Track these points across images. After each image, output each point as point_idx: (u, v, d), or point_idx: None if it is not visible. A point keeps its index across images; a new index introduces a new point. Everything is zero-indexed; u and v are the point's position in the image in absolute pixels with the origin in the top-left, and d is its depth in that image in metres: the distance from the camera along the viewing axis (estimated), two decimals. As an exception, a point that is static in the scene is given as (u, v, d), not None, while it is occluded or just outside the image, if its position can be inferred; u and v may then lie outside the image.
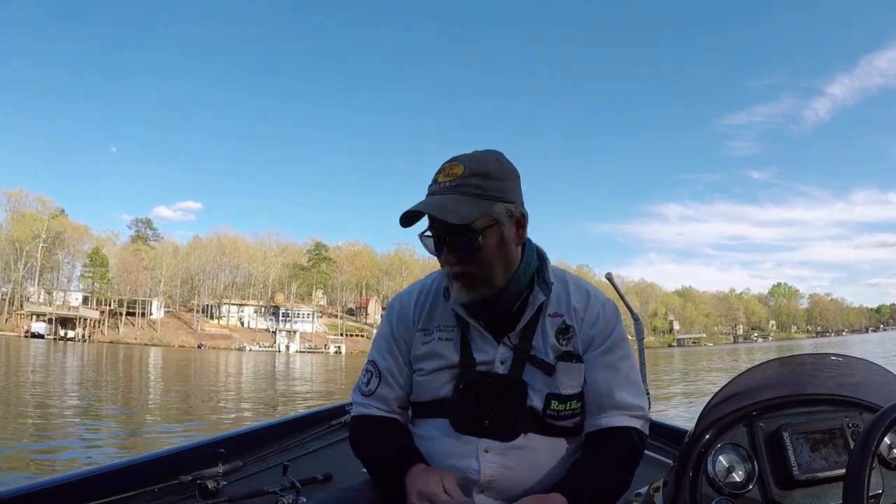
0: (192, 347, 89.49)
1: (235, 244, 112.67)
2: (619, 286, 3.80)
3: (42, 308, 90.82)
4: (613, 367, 1.64)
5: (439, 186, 1.56)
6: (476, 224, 1.53)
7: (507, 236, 1.58)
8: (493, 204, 1.54)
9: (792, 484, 1.39)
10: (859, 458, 1.07)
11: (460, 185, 1.53)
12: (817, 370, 1.54)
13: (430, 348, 1.70)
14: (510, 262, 1.61)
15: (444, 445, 1.64)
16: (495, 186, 1.56)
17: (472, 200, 1.52)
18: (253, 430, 3.55)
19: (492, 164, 1.59)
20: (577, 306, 1.67)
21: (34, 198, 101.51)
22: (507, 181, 1.59)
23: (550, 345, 1.63)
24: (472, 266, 1.57)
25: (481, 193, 1.53)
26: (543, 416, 1.61)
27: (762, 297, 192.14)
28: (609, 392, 1.61)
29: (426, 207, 1.53)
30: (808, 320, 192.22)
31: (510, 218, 1.58)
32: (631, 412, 1.61)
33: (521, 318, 1.64)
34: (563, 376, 1.62)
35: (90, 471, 2.49)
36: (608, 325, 1.67)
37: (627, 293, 13.64)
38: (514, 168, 1.64)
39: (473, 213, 1.51)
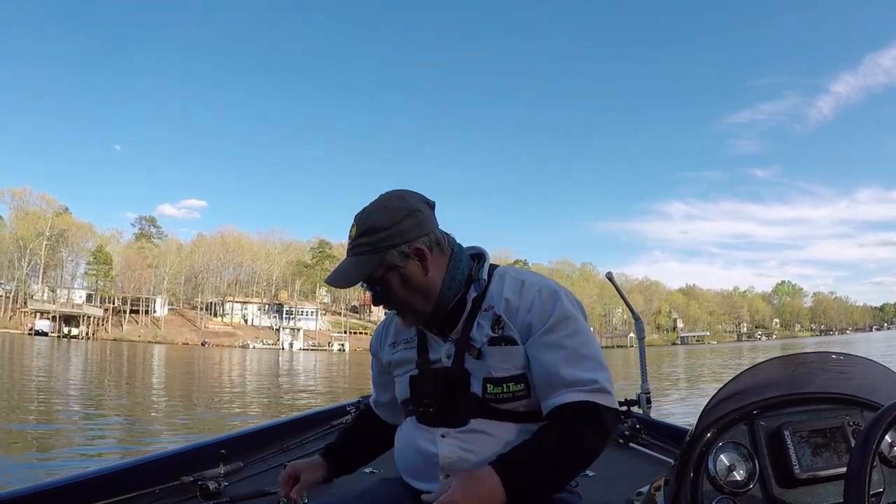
0: (195, 345, 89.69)
1: (239, 242, 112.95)
2: (622, 285, 3.79)
3: (46, 306, 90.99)
4: (557, 345, 1.66)
5: (347, 249, 1.78)
6: (374, 276, 1.72)
7: (408, 274, 1.73)
8: (385, 253, 1.70)
9: (793, 482, 1.38)
10: (860, 456, 1.07)
11: (354, 248, 1.74)
12: (818, 369, 1.53)
13: (398, 356, 1.91)
14: (426, 290, 1.75)
15: (410, 437, 1.81)
16: (381, 238, 1.71)
17: (362, 259, 1.72)
18: (254, 430, 3.56)
19: (377, 215, 1.74)
20: (508, 297, 1.74)
21: (38, 196, 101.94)
22: (394, 226, 1.71)
23: (485, 335, 1.72)
24: (392, 304, 1.79)
25: (370, 249, 1.71)
26: (484, 399, 1.69)
27: (766, 295, 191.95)
28: (555, 371, 1.63)
29: (328, 278, 1.79)
30: (812, 319, 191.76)
31: (405, 258, 1.73)
32: (581, 387, 1.61)
33: (461, 316, 1.77)
34: (493, 359, 1.70)
35: (91, 472, 2.50)
36: (545, 307, 1.70)
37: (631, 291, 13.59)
38: (406, 205, 1.74)
39: (363, 272, 1.72)
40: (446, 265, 1.78)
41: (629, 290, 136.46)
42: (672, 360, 53.69)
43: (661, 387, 23.41)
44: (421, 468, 1.75)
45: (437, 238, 1.77)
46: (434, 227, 1.78)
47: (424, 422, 1.78)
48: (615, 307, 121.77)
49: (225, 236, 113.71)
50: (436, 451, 1.70)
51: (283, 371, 38.90)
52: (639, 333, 4.49)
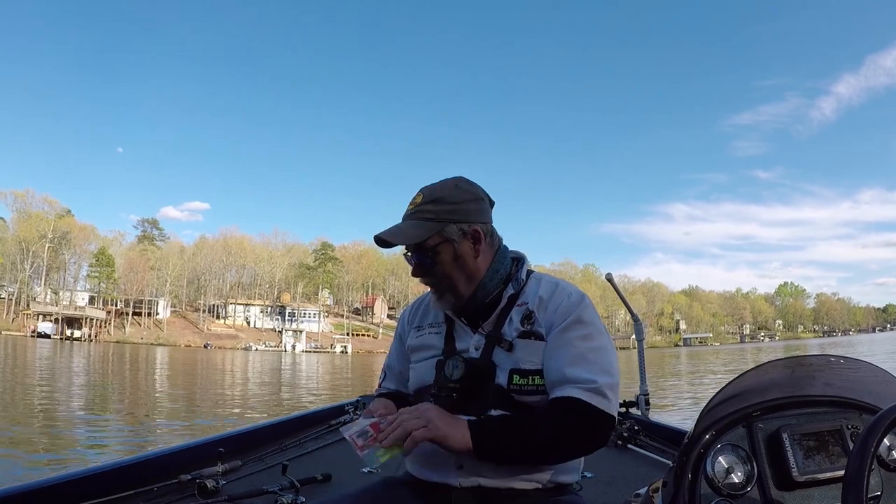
0: (198, 347, 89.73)
1: (242, 244, 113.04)
2: (624, 286, 3.80)
3: (48, 308, 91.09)
4: (569, 344, 1.70)
5: (406, 213, 1.83)
6: (428, 243, 1.78)
7: (460, 251, 1.80)
8: (445, 225, 1.78)
9: (791, 485, 1.37)
10: (858, 459, 1.07)
11: (417, 212, 1.80)
12: (816, 371, 1.53)
13: (421, 341, 1.93)
14: (471, 272, 1.82)
15: None
16: (447, 209, 1.79)
17: (424, 224, 1.78)
18: (252, 429, 3.56)
19: (447, 190, 1.83)
20: (542, 296, 1.81)
21: (41, 198, 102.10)
22: (461, 204, 1.81)
23: (515, 328, 1.78)
24: (432, 278, 1.83)
25: (433, 217, 1.78)
26: (508, 390, 1.72)
27: (769, 296, 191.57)
28: (560, 368, 1.67)
29: (383, 233, 1.80)
30: (815, 320, 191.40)
31: (462, 235, 1.80)
32: (579, 385, 1.64)
33: (494, 310, 1.82)
34: (523, 352, 1.74)
35: (90, 469, 2.50)
36: (569, 308, 1.76)
37: (633, 293, 13.59)
38: (474, 191, 1.86)
39: (422, 235, 1.77)
40: (493, 257, 1.85)
41: (632, 291, 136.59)
42: (674, 361, 53.59)
43: (661, 387, 23.39)
44: (435, 457, 1.71)
45: (492, 230, 1.87)
46: (490, 219, 1.88)
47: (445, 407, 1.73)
48: (618, 309, 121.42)
49: (227, 238, 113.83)
50: None
51: (285, 373, 38.92)
52: (638, 335, 4.50)
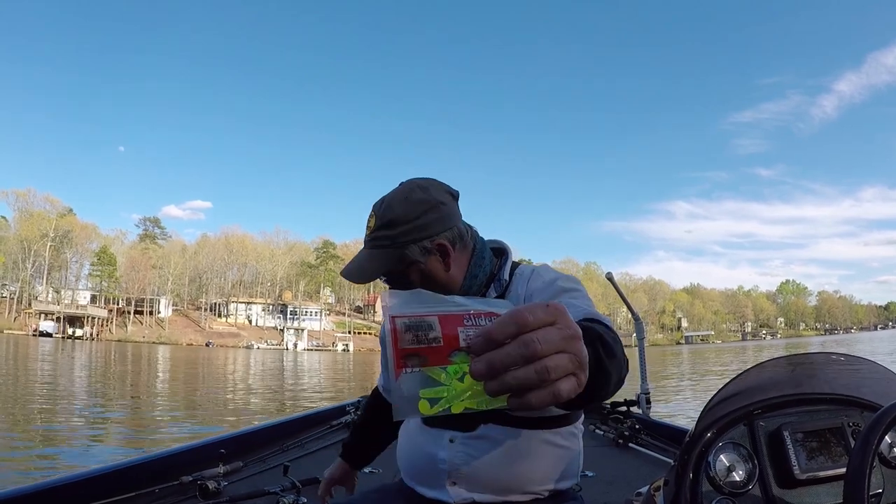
0: (200, 345, 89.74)
1: (243, 242, 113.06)
2: (626, 284, 3.80)
3: (50, 307, 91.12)
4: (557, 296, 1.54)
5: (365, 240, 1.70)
6: (394, 270, 1.65)
7: (428, 269, 1.66)
8: (405, 248, 1.63)
9: (793, 483, 1.38)
10: (860, 457, 1.07)
11: (373, 240, 1.66)
12: (818, 369, 1.53)
13: None
14: (446, 287, 1.67)
15: (416, 439, 1.74)
16: (402, 232, 1.63)
17: (381, 254, 1.64)
18: (254, 430, 3.56)
19: (399, 206, 1.64)
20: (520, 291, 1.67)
21: (42, 197, 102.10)
22: (417, 219, 1.63)
23: None
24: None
25: (389, 244, 1.63)
26: None
27: (770, 294, 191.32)
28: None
29: (344, 272, 1.70)
30: (817, 318, 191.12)
31: (427, 253, 1.65)
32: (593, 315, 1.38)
33: None
34: None
35: (91, 471, 2.49)
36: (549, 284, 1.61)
37: (635, 291, 13.59)
38: (430, 198, 1.65)
39: (380, 268, 1.65)
40: (468, 261, 1.71)
41: (633, 289, 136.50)
42: (676, 359, 53.59)
43: (663, 385, 23.38)
44: (427, 473, 1.68)
45: (461, 232, 1.69)
46: (457, 220, 1.70)
47: (432, 424, 1.70)
48: (619, 307, 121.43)
49: (229, 237, 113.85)
50: (444, 455, 1.65)
51: (287, 371, 38.92)
52: (638, 333, 4.50)
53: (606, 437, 4.01)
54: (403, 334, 0.76)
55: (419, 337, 0.76)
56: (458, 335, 0.77)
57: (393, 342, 0.75)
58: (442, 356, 0.75)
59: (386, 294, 0.85)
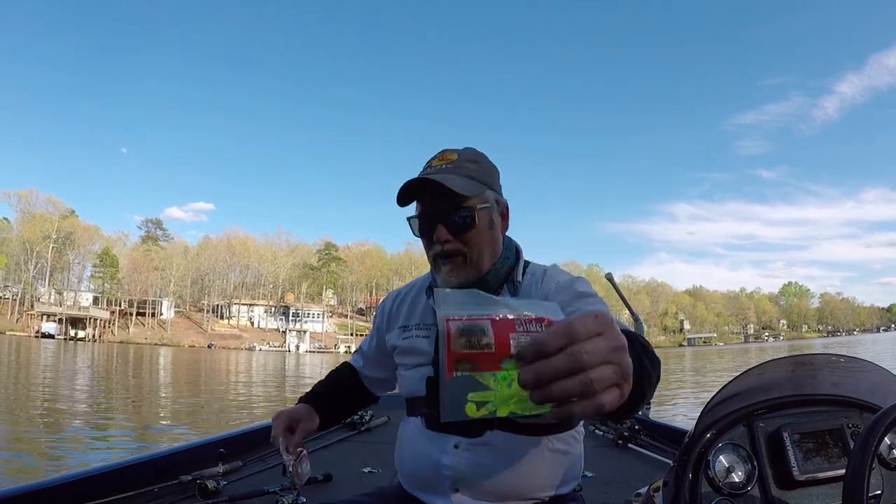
0: (202, 347, 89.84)
1: (245, 244, 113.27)
2: (628, 286, 3.79)
3: (52, 308, 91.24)
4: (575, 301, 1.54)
5: (433, 168, 1.62)
6: (471, 202, 1.58)
7: (494, 222, 1.64)
8: (485, 189, 1.62)
9: (792, 484, 1.38)
10: (859, 458, 1.07)
11: (457, 167, 1.60)
12: (817, 370, 1.53)
13: (408, 344, 1.76)
14: (496, 248, 1.66)
15: (418, 443, 1.69)
16: (486, 173, 1.64)
17: (468, 180, 1.58)
18: (253, 429, 3.56)
19: (480, 156, 1.68)
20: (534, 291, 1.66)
21: (44, 199, 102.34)
22: (494, 174, 1.69)
23: None
24: (463, 244, 1.59)
25: (475, 176, 1.60)
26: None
27: (773, 296, 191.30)
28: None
29: (431, 174, 1.58)
30: (819, 320, 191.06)
31: (497, 206, 1.66)
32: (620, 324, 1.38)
33: None
34: None
35: (90, 470, 2.49)
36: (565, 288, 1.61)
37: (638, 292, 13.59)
38: (495, 167, 1.72)
39: (471, 190, 1.57)
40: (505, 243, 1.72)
41: (636, 291, 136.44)
42: (678, 361, 53.55)
43: (663, 386, 23.35)
44: (429, 479, 1.63)
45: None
46: None
47: (434, 427, 1.65)
48: (620, 309, 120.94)
49: (231, 238, 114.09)
50: (448, 462, 1.60)
51: (289, 373, 38.93)
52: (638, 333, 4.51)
53: (606, 437, 4.01)
54: (457, 338, 0.75)
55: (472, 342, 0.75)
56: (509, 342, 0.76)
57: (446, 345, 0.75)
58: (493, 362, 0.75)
59: (441, 293, 0.84)
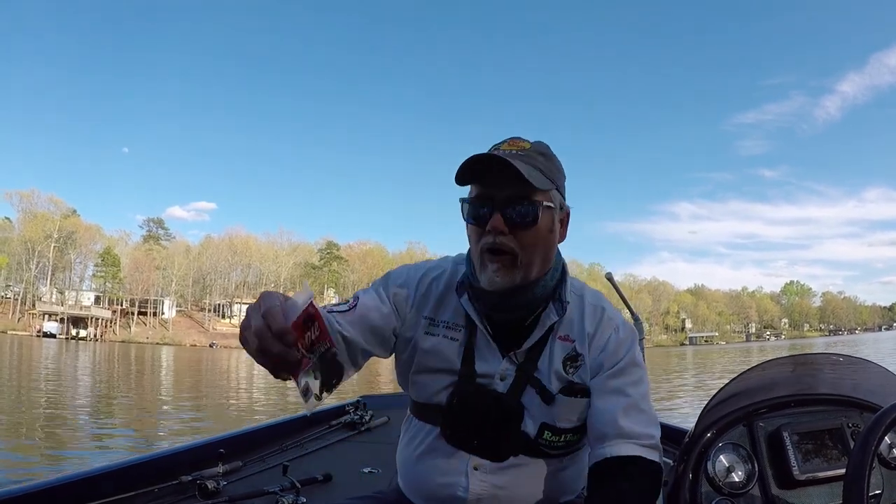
0: (203, 346, 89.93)
1: (247, 243, 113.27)
2: (630, 285, 3.79)
3: (54, 308, 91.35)
4: (621, 392, 1.49)
5: (503, 152, 1.44)
6: (537, 197, 1.43)
7: (556, 225, 1.50)
8: (553, 187, 1.47)
9: (792, 484, 1.38)
10: (859, 457, 1.06)
11: (528, 157, 1.43)
12: (817, 370, 1.53)
13: (433, 345, 1.58)
14: (549, 255, 1.51)
15: (433, 457, 1.58)
16: (555, 171, 1.49)
17: (538, 173, 1.43)
18: (253, 430, 3.56)
19: (552, 153, 1.52)
20: (589, 331, 1.55)
21: (46, 198, 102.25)
22: (562, 176, 1.53)
23: (555, 371, 1.52)
24: (517, 241, 1.44)
25: (545, 172, 1.45)
26: (536, 442, 1.51)
27: (774, 295, 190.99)
28: (613, 419, 1.45)
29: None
30: (821, 318, 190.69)
31: (561, 210, 1.52)
32: (639, 441, 1.44)
33: (531, 335, 1.52)
34: (563, 409, 1.50)
35: (90, 471, 2.49)
36: (619, 349, 1.53)
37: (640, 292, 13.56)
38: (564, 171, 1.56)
39: (541, 182, 1.42)
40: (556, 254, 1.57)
41: (637, 290, 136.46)
42: (679, 360, 53.55)
43: (664, 386, 23.37)
44: (443, 498, 1.55)
45: None
46: None
47: (454, 444, 1.54)
48: (622, 309, 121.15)
49: (233, 238, 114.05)
50: (465, 484, 1.52)
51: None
52: (638, 334, 4.51)
53: None
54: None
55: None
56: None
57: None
58: None
59: None
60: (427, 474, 1.59)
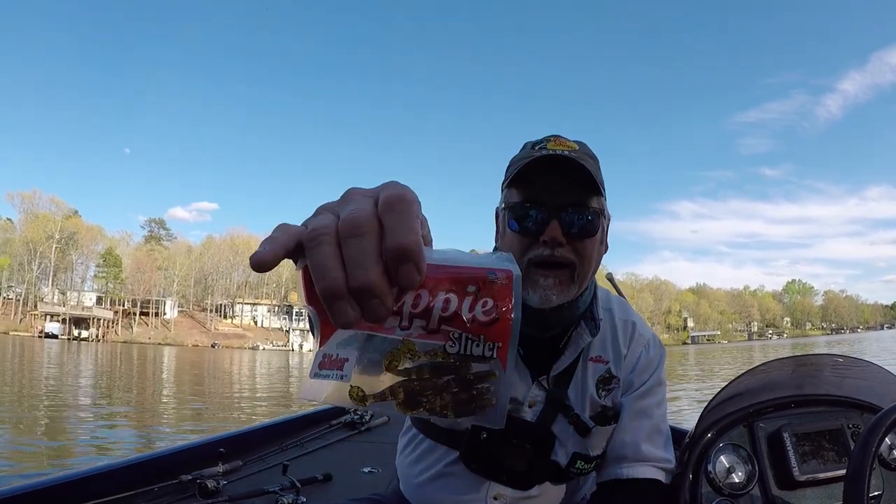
0: (205, 347, 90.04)
1: (249, 243, 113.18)
2: (632, 284, 3.79)
3: (56, 308, 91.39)
4: (645, 413, 1.46)
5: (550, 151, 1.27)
6: (596, 204, 1.30)
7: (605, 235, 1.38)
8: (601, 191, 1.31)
9: (792, 484, 1.38)
10: (860, 458, 1.07)
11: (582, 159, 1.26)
12: (818, 371, 1.53)
13: None
14: (594, 269, 1.37)
15: (453, 483, 1.50)
16: (601, 178, 1.33)
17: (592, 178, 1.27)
18: (253, 429, 3.56)
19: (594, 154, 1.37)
20: (623, 351, 1.49)
21: (48, 199, 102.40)
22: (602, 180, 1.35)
23: (589, 396, 1.44)
24: (576, 253, 1.30)
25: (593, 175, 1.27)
26: (567, 471, 1.45)
27: (776, 294, 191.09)
28: (635, 441, 1.43)
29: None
30: (823, 317, 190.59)
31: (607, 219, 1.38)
32: (658, 464, 1.44)
33: (562, 357, 1.42)
34: (598, 439, 1.45)
35: (90, 470, 2.49)
36: (648, 367, 1.50)
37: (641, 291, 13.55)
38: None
39: (598, 183, 1.28)
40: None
41: (639, 289, 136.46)
42: (681, 360, 53.53)
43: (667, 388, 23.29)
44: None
45: None
46: None
47: (476, 471, 1.46)
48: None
49: (234, 238, 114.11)
50: None
51: (293, 372, 38.96)
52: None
53: None
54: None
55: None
56: None
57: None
58: None
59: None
60: (442, 499, 1.52)
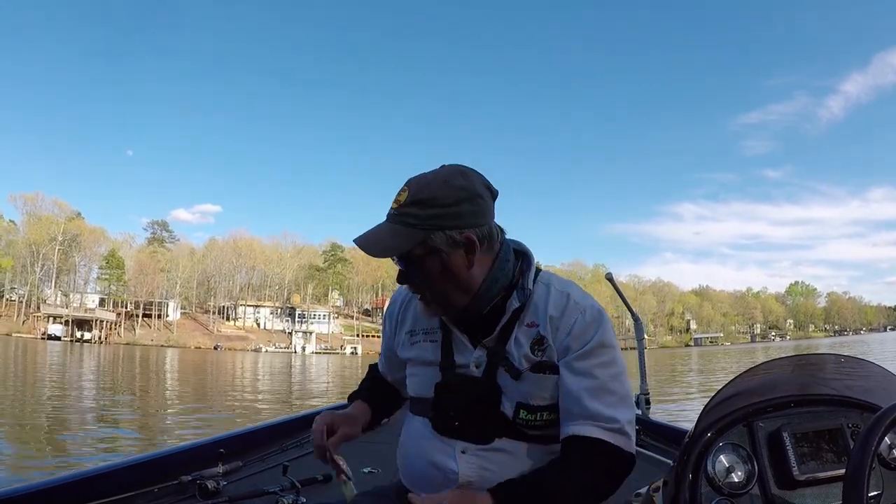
0: (208, 349, 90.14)
1: (251, 246, 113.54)
2: (634, 286, 3.78)
3: (58, 310, 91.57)
4: (588, 373, 1.53)
5: (389, 213, 1.58)
6: (414, 252, 1.54)
7: (450, 263, 1.54)
8: (431, 233, 1.52)
9: (792, 484, 1.38)
10: (859, 458, 1.06)
11: (399, 215, 1.54)
12: (817, 370, 1.53)
13: (417, 350, 1.74)
14: (465, 286, 1.58)
15: (425, 445, 1.66)
16: (434, 214, 1.52)
17: (405, 231, 1.52)
18: (253, 430, 3.56)
19: (437, 188, 1.54)
20: (553, 314, 1.59)
21: (50, 201, 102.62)
22: (451, 206, 1.53)
23: (524, 354, 1.58)
24: (422, 290, 1.62)
25: (417, 224, 1.52)
26: (514, 422, 1.57)
27: (779, 296, 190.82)
28: (578, 399, 1.52)
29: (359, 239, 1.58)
30: (826, 319, 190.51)
31: (452, 244, 1.54)
32: (602, 424, 1.50)
33: (498, 322, 1.60)
34: (533, 387, 1.57)
35: (91, 471, 2.50)
36: (586, 331, 1.57)
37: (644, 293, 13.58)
38: (469, 187, 1.56)
39: (401, 246, 1.53)
40: (491, 263, 1.60)
41: (642, 291, 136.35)
42: (684, 362, 53.48)
43: (667, 387, 23.33)
44: (436, 484, 1.59)
45: (491, 231, 1.59)
46: (491, 218, 1.60)
47: (442, 431, 1.63)
48: (625, 308, 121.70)
49: (237, 240, 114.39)
50: (455, 467, 1.58)
51: (295, 374, 38.99)
52: (638, 334, 4.51)
53: None
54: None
55: None
56: None
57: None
58: None
59: None
60: (420, 461, 1.67)
